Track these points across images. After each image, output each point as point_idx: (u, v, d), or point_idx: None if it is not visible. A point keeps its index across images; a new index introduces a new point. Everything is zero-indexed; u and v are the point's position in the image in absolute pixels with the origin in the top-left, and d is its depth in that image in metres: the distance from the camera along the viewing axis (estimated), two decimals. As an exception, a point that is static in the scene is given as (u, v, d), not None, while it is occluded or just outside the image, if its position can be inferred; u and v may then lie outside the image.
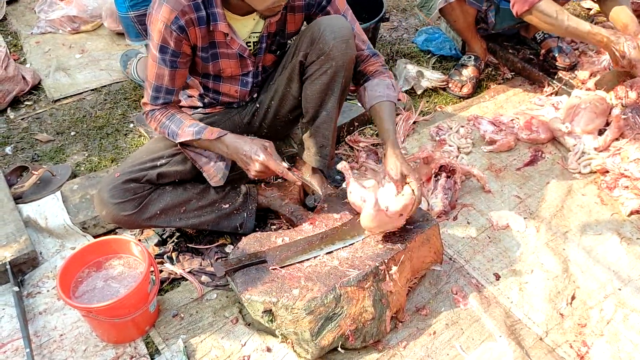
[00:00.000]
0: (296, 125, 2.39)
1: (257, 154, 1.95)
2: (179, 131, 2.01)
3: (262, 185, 2.33)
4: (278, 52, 2.20)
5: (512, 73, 3.22)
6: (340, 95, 2.12)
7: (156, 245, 2.22)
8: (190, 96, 2.26)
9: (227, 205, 2.18)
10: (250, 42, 2.06)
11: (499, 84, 3.17)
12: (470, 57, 3.10)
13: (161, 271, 2.10)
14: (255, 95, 2.25)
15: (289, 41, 2.20)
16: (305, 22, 2.17)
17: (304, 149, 2.29)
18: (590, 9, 3.67)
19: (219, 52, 2.01)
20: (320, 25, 2.00)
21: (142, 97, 2.11)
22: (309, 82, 2.09)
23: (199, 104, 2.26)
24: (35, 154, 2.70)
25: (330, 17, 2.05)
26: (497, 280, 2.10)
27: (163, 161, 2.08)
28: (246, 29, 2.02)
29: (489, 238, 2.26)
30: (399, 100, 2.91)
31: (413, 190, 1.92)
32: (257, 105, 2.26)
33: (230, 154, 2.01)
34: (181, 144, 2.05)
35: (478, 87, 3.12)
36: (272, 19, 2.00)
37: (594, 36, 2.60)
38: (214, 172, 2.11)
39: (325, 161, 2.28)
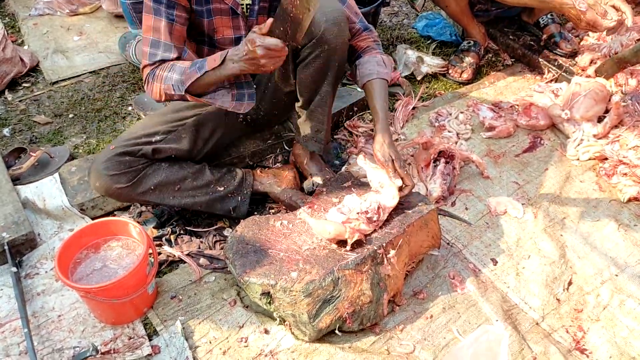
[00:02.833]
0: (293, 109, 2.38)
1: (252, 42, 1.75)
2: (183, 78, 1.88)
3: (258, 171, 2.32)
4: None
5: (512, 59, 3.21)
6: (334, 79, 2.10)
7: (155, 227, 2.22)
8: None
9: (221, 188, 2.18)
10: (243, 4, 2.00)
11: (499, 70, 3.16)
12: (470, 43, 3.09)
13: (160, 253, 2.10)
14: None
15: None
16: None
17: (300, 133, 2.28)
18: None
19: (212, 7, 1.96)
20: None
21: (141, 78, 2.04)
22: (302, 66, 2.07)
23: None
24: (34, 135, 2.69)
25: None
26: (495, 265, 2.11)
27: (158, 137, 2.07)
28: None
29: (487, 223, 2.27)
30: (398, 85, 2.94)
31: (402, 178, 1.98)
32: (254, 87, 2.24)
33: (237, 66, 1.83)
34: (192, 94, 1.91)
35: (478, 73, 3.11)
36: None
37: (548, 3, 2.60)
38: (239, 104, 2.00)
39: (321, 145, 2.27)
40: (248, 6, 2.02)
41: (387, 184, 1.96)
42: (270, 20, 1.73)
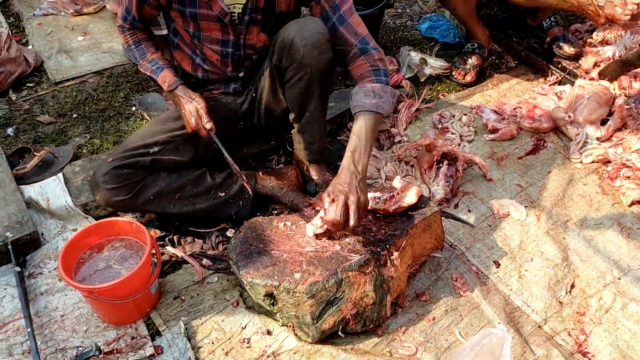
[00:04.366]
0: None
1: (190, 119, 2.04)
2: (140, 60, 2.14)
3: (260, 174, 2.32)
4: (271, 34, 2.09)
5: (516, 61, 3.21)
6: (321, 96, 2.08)
7: (158, 228, 2.22)
8: (183, 70, 2.22)
9: (222, 194, 2.17)
10: (234, 13, 1.98)
11: (503, 72, 3.16)
12: (473, 45, 3.09)
13: (163, 254, 2.10)
14: (241, 75, 2.19)
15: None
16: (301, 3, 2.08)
17: (296, 142, 2.28)
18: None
19: (198, 12, 1.95)
20: (290, 31, 1.92)
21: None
22: (288, 87, 2.06)
23: (194, 79, 2.22)
24: (37, 135, 2.69)
25: (301, 20, 1.96)
26: (497, 267, 2.11)
27: (156, 148, 2.07)
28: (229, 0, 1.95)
29: (490, 226, 2.27)
30: (401, 87, 2.94)
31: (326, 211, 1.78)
32: (254, 94, 2.24)
33: (175, 104, 2.13)
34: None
35: (481, 76, 3.10)
36: None
37: (565, 3, 2.57)
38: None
39: (315, 156, 2.27)
40: (239, 14, 1.99)
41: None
42: (211, 124, 2.02)
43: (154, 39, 2.18)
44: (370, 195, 1.94)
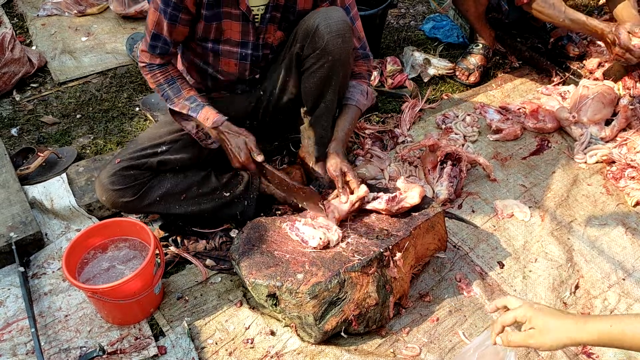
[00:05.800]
0: (299, 115, 2.38)
1: (239, 153, 2.00)
2: (174, 98, 2.05)
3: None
4: (287, 32, 2.12)
5: (520, 62, 3.21)
6: (338, 88, 2.11)
7: (161, 228, 2.22)
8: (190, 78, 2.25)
9: (227, 194, 2.17)
10: (257, 15, 2.01)
11: (507, 72, 3.15)
12: (478, 45, 3.09)
13: (166, 254, 2.10)
14: (257, 76, 2.21)
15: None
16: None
17: (305, 138, 2.28)
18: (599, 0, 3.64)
19: (222, 11, 1.96)
20: (315, 19, 1.97)
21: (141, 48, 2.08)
22: (307, 75, 2.07)
23: (202, 87, 2.24)
24: (41, 136, 2.70)
25: (326, 9, 2.01)
26: (501, 268, 2.10)
27: (164, 148, 2.08)
28: (254, 1, 1.98)
29: (494, 226, 2.26)
30: (404, 87, 2.94)
31: (353, 189, 2.02)
32: (261, 93, 2.24)
33: (219, 141, 2.06)
34: (170, 109, 2.07)
35: (485, 76, 3.10)
36: None
37: (589, 27, 2.66)
38: (204, 137, 2.12)
39: (324, 150, 2.27)
40: (260, 15, 2.02)
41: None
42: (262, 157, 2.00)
43: (185, 78, 2.13)
44: (372, 194, 1.99)
